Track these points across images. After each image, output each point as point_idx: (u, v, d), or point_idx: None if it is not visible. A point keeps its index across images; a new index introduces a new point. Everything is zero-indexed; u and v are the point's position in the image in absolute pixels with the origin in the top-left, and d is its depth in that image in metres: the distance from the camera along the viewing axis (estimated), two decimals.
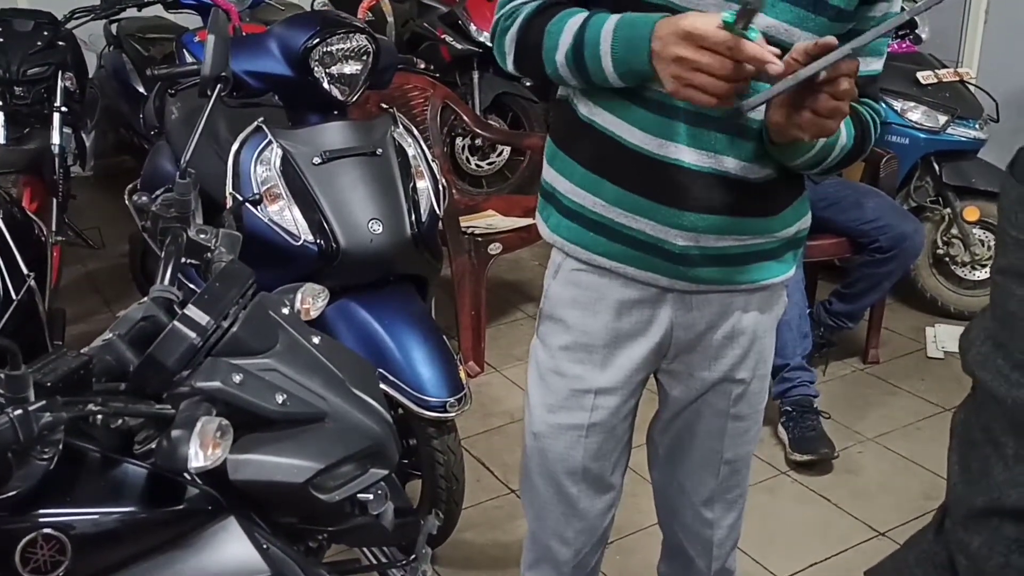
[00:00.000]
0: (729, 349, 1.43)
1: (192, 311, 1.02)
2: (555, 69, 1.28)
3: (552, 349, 1.45)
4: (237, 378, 1.02)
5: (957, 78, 3.49)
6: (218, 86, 1.48)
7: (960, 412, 0.89)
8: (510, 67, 1.36)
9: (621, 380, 1.43)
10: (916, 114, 3.39)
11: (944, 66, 3.54)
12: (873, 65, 1.34)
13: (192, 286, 1.48)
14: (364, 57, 2.19)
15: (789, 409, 2.75)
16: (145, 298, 1.15)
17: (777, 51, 1.12)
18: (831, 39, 1.08)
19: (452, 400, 2.04)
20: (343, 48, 2.16)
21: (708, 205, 1.30)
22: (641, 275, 1.36)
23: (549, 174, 1.43)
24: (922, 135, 3.40)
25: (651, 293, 1.38)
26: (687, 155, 1.27)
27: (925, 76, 3.42)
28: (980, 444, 0.82)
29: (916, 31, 3.62)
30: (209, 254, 1.26)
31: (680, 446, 1.54)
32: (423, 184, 2.24)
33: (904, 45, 3.59)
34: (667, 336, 1.41)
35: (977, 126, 3.43)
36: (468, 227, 3.11)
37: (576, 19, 1.26)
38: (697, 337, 1.42)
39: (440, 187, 2.29)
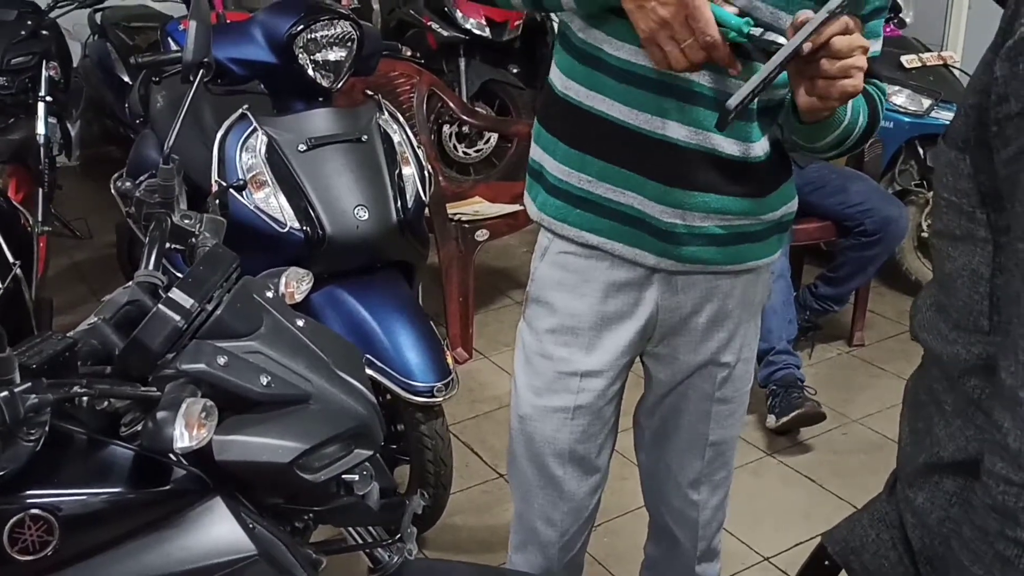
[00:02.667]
0: (714, 332, 1.45)
1: (176, 294, 1.03)
2: None
3: (538, 332, 1.46)
4: (222, 360, 1.03)
5: (941, 62, 3.51)
6: (200, 72, 1.48)
7: (911, 379, 0.91)
8: None
9: (607, 363, 1.44)
10: (900, 98, 3.41)
11: (928, 50, 3.56)
12: (872, 47, 1.34)
13: (177, 273, 1.49)
14: (349, 44, 2.20)
15: (775, 387, 2.76)
16: (130, 283, 1.15)
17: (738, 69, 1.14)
18: (804, 14, 1.09)
19: (439, 385, 2.05)
20: (327, 35, 2.16)
21: (695, 182, 1.30)
22: (628, 252, 1.36)
23: (536, 152, 1.44)
24: (906, 119, 3.42)
25: (637, 274, 1.39)
26: (677, 131, 1.28)
27: (909, 60, 3.44)
28: (925, 404, 0.84)
29: (900, 15, 3.64)
30: (193, 239, 1.26)
31: (666, 429, 1.56)
32: (409, 171, 2.25)
33: (888, 29, 3.61)
34: (653, 319, 1.42)
35: None
36: (455, 214, 3.12)
37: None
38: (682, 320, 1.43)
39: (426, 174, 2.30)
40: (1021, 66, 0.67)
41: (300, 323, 1.17)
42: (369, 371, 2.00)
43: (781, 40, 1.12)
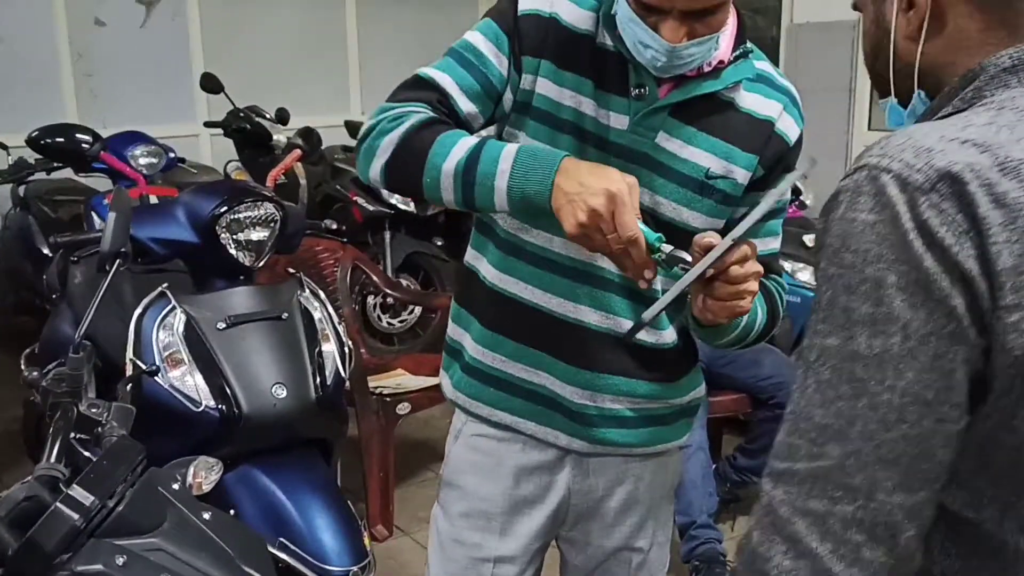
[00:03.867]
0: (626, 517, 1.45)
1: (76, 491, 1.00)
2: (435, 179, 1.23)
3: (452, 516, 1.45)
4: (120, 560, 1.00)
5: None
6: (117, 261, 1.50)
7: None
8: (374, 171, 1.28)
9: (520, 548, 1.43)
10: (805, 275, 3.58)
11: None
12: (771, 245, 1.42)
13: (89, 455, 1.45)
14: (272, 224, 2.24)
15: (698, 563, 2.74)
16: (29, 477, 1.12)
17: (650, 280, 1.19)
18: (708, 238, 1.14)
19: (355, 569, 1.99)
20: (251, 216, 2.21)
21: (605, 365, 1.34)
22: (540, 431, 1.38)
23: (455, 331, 1.46)
24: (811, 294, 3.58)
25: (549, 457, 1.40)
26: (588, 315, 1.33)
27: (810, 239, 3.64)
28: None
29: (801, 198, 3.87)
30: (100, 428, 1.24)
31: None
32: (329, 347, 2.26)
33: (791, 210, 3.83)
34: (564, 503, 1.43)
35: None
36: (377, 387, 3.11)
37: (472, 138, 1.25)
38: (595, 504, 1.44)
39: (346, 349, 2.31)
40: (831, 212, 0.79)
41: (206, 516, 1.15)
42: (282, 555, 1.94)
43: (687, 257, 1.17)
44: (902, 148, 0.76)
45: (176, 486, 1.16)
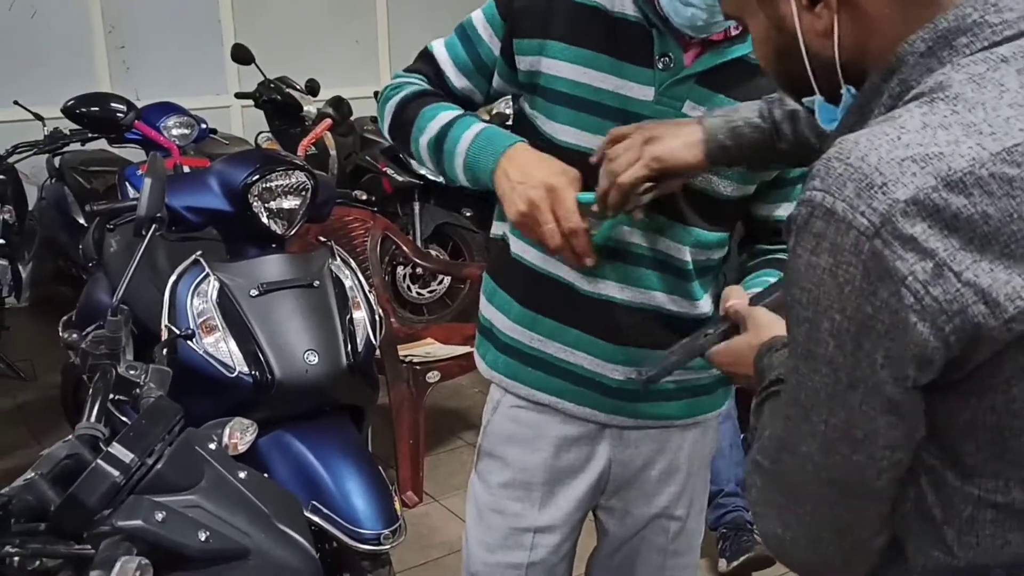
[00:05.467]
0: (666, 486, 1.45)
1: (116, 449, 1.03)
2: (417, 149, 1.35)
3: (491, 486, 1.45)
4: (159, 516, 1.02)
5: None
6: (153, 226, 1.52)
7: None
8: (385, 131, 1.42)
9: (561, 518, 1.43)
10: None
11: None
12: (787, 211, 1.41)
13: (125, 419, 1.48)
14: (303, 193, 2.26)
15: (725, 531, 2.75)
16: (70, 436, 1.15)
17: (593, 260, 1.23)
18: (734, 302, 1.13)
19: (387, 532, 2.02)
20: (282, 184, 2.22)
21: (642, 340, 1.33)
22: (579, 411, 1.38)
23: (487, 310, 1.46)
24: None
25: (590, 429, 1.39)
26: (616, 291, 1.32)
27: None
28: None
29: None
30: (138, 390, 1.27)
31: None
32: (360, 315, 2.28)
33: None
34: (605, 473, 1.42)
35: None
36: (407, 356, 3.14)
37: (449, 112, 1.33)
38: (635, 474, 1.43)
39: (377, 317, 2.33)
40: (787, 237, 0.79)
41: (242, 475, 1.17)
42: (315, 518, 1.97)
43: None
44: (843, 182, 0.73)
45: (213, 446, 1.18)
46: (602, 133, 1.24)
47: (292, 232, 2.26)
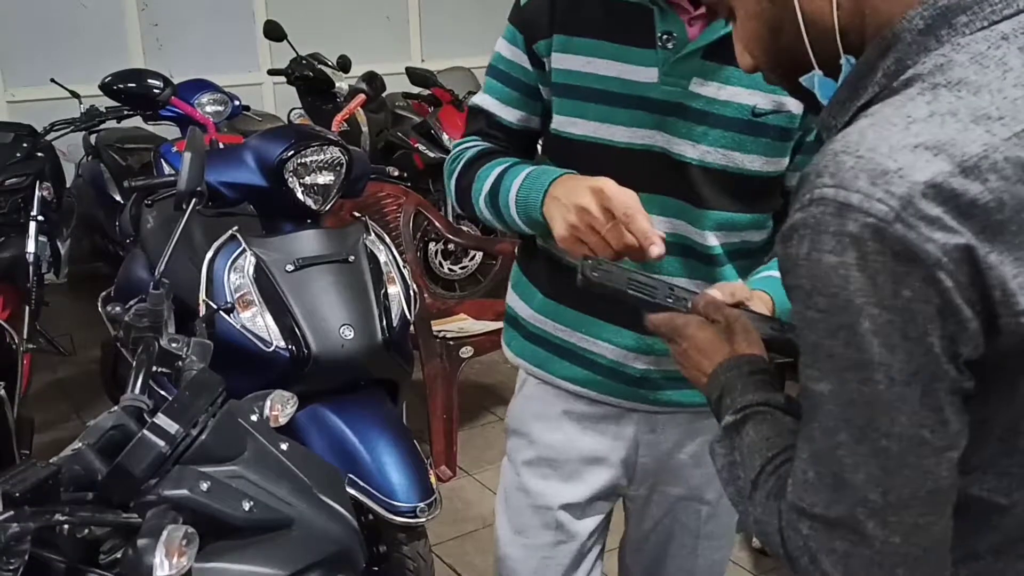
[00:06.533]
0: (695, 469, 1.42)
1: (162, 420, 1.04)
2: (480, 212, 1.34)
3: (517, 465, 1.44)
4: (204, 486, 1.04)
5: None
6: (193, 200, 1.53)
7: None
8: (456, 207, 1.41)
9: (584, 496, 1.41)
10: None
11: None
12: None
13: (164, 393, 1.50)
14: (337, 168, 2.26)
15: None
16: (115, 407, 1.16)
17: (663, 235, 1.14)
18: (716, 303, 1.05)
19: (422, 505, 2.03)
20: (317, 160, 2.23)
21: None
22: (604, 399, 1.36)
23: (512, 299, 1.45)
24: None
25: (615, 412, 1.38)
26: None
27: None
28: None
29: None
30: (180, 363, 1.28)
31: (653, 567, 1.52)
32: (394, 290, 2.29)
33: None
34: (632, 455, 1.41)
35: None
36: (440, 331, 3.15)
37: (501, 166, 1.31)
38: (663, 457, 1.41)
39: (411, 292, 2.33)
40: (791, 248, 0.74)
41: (284, 447, 1.18)
42: (351, 491, 1.99)
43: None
44: (855, 173, 0.70)
45: (254, 418, 1.20)
46: (612, 122, 1.23)
47: (327, 207, 2.27)
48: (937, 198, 0.68)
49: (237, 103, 3.67)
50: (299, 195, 2.21)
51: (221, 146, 3.07)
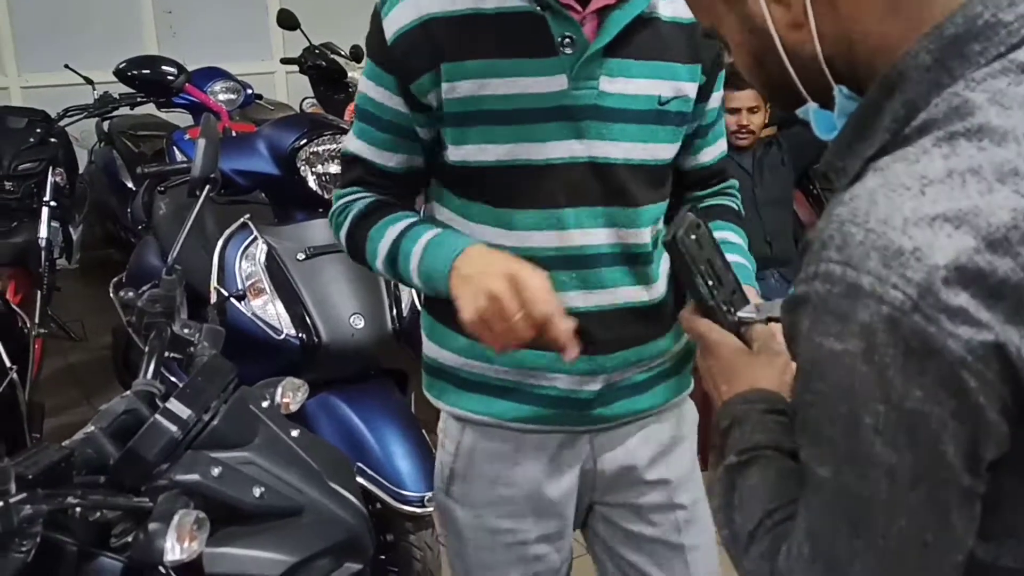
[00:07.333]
0: (657, 474, 1.37)
1: (174, 405, 1.05)
2: (378, 270, 1.25)
3: (477, 507, 1.35)
4: (216, 471, 1.04)
5: None
6: (206, 187, 1.53)
7: None
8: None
9: (556, 525, 1.36)
10: None
11: None
12: (721, 147, 1.36)
13: (175, 379, 1.51)
14: None
15: None
16: (128, 391, 1.17)
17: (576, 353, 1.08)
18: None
19: (430, 495, 2.04)
20: (329, 149, 2.23)
21: (610, 346, 1.26)
22: (555, 429, 1.31)
23: (431, 349, 1.34)
24: None
25: (568, 436, 1.32)
26: (580, 300, 1.23)
27: None
28: None
29: None
30: (192, 348, 1.29)
31: None
32: None
33: None
34: (591, 472, 1.35)
35: None
36: None
37: (394, 229, 1.22)
38: (623, 469, 1.36)
39: None
40: (795, 319, 0.67)
41: (294, 434, 1.18)
42: (360, 479, 2.00)
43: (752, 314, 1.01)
44: (865, 251, 0.61)
45: (265, 404, 1.20)
46: (527, 140, 1.17)
47: None
48: (960, 282, 0.59)
49: (250, 92, 3.68)
50: (311, 184, 2.21)
51: (234, 134, 3.07)
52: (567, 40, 1.15)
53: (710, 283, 0.96)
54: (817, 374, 0.65)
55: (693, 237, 0.94)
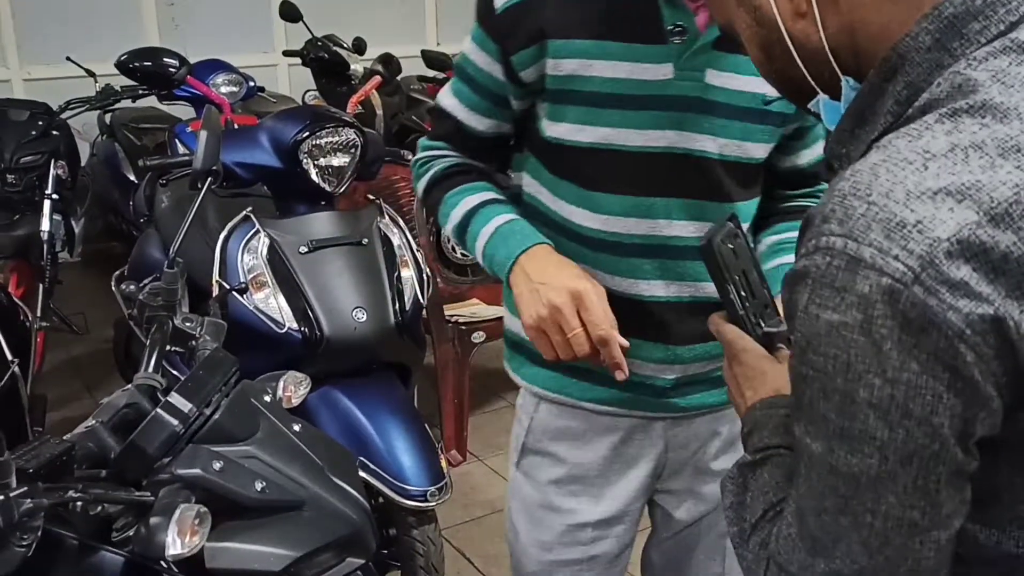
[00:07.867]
0: (723, 464, 1.39)
1: (175, 398, 1.04)
2: (445, 229, 1.31)
3: (541, 483, 1.39)
4: (217, 465, 1.04)
5: None
6: (208, 179, 1.53)
7: None
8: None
9: (619, 509, 1.38)
10: None
11: None
12: (818, 151, 1.35)
13: (177, 373, 1.50)
14: (352, 150, 2.25)
15: None
16: (129, 385, 1.16)
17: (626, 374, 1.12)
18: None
19: (432, 489, 2.04)
20: (332, 141, 2.22)
21: (693, 335, 1.26)
22: (630, 413, 1.32)
23: (512, 322, 1.36)
24: None
25: (642, 421, 1.34)
26: (661, 289, 1.25)
27: None
28: None
29: None
30: (194, 342, 1.28)
31: (678, 567, 1.50)
32: (408, 273, 2.28)
33: None
34: (661, 458, 1.37)
35: None
36: (452, 316, 3.14)
37: (471, 200, 1.27)
38: (691, 456, 1.38)
39: (424, 276, 2.33)
40: (794, 296, 0.67)
41: (296, 428, 1.18)
42: (362, 474, 1.99)
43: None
44: (867, 223, 0.62)
45: (267, 398, 1.19)
46: (626, 126, 1.18)
47: (341, 189, 2.27)
48: (963, 256, 0.60)
49: (252, 84, 3.67)
50: (313, 177, 2.20)
51: (236, 127, 3.06)
52: (677, 29, 1.15)
53: (742, 294, 0.97)
54: (813, 347, 0.65)
55: (730, 247, 0.97)
